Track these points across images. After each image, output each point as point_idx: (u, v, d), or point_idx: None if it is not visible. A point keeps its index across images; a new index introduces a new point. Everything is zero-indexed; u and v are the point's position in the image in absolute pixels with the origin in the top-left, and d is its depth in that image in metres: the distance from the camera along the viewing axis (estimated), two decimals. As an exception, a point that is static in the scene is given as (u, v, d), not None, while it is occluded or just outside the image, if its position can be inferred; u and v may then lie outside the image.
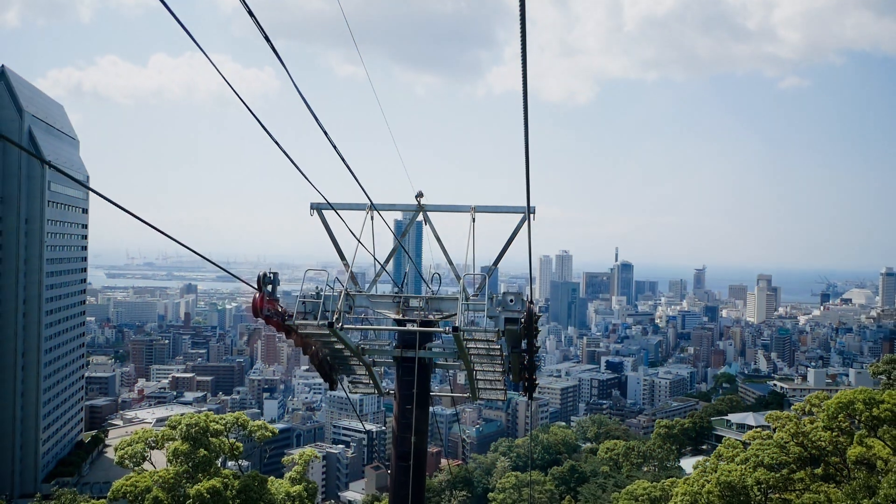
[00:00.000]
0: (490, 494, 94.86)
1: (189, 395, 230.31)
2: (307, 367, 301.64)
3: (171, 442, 30.48)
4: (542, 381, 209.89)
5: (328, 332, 11.29)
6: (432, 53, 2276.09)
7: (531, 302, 11.72)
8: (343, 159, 10.47)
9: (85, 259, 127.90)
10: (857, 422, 26.50)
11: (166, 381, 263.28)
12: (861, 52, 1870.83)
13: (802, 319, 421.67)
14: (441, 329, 12.89)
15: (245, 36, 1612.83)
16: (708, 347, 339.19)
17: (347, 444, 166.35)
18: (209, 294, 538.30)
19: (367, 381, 14.26)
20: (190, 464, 30.97)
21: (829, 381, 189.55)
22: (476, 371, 13.59)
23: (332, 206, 13.03)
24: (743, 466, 27.96)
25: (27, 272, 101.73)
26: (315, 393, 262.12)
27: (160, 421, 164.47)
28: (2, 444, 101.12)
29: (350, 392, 14.28)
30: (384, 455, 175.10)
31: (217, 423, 32.86)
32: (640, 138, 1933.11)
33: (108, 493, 34.94)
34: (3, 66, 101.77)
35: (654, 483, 58.07)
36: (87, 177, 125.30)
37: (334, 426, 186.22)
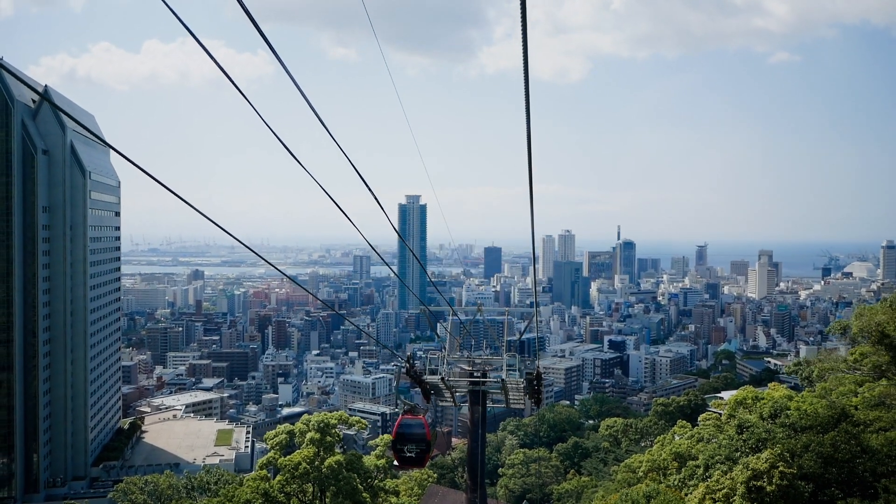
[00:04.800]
0: (500, 470, 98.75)
1: (207, 382, 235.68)
2: (318, 352, 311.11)
3: (306, 434, 40.42)
4: (546, 362, 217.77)
5: (440, 382, 19.99)
6: (423, 33, 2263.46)
7: (538, 366, 20.43)
8: (351, 161, 11.95)
9: (118, 259, 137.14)
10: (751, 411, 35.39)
11: (182, 367, 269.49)
12: (851, 26, 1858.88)
13: (803, 294, 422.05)
14: (493, 379, 21.87)
15: (237, 20, 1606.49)
16: (709, 324, 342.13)
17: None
18: (215, 279, 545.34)
19: (449, 399, 23.42)
20: (320, 447, 40.73)
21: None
22: (510, 394, 22.79)
23: (385, 262, 21.72)
24: (689, 441, 37.04)
25: (73, 274, 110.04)
26: (327, 377, 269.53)
27: (188, 407, 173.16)
28: (55, 431, 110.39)
29: (437, 403, 23.67)
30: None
31: (333, 418, 42.70)
32: (636, 115, 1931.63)
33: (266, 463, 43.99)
34: (46, 85, 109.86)
35: (649, 457, 65.89)
36: (119, 182, 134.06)
37: (349, 409, 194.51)
